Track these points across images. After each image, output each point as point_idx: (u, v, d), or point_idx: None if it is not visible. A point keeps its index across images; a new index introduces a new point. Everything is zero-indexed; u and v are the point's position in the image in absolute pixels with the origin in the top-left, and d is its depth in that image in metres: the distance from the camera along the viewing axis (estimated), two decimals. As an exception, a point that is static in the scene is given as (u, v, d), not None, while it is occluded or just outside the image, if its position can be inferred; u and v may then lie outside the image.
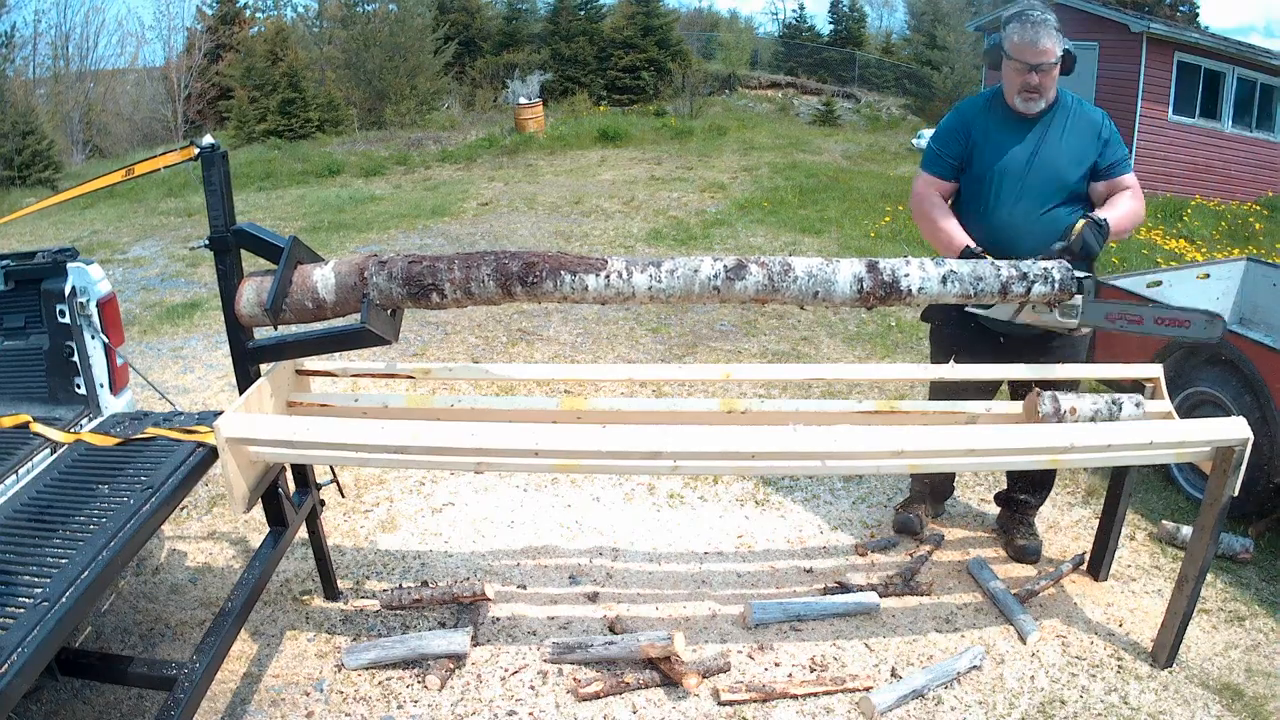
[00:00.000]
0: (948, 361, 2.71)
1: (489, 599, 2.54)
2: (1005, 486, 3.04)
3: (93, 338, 2.38)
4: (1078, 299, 2.13)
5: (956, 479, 3.25)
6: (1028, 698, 2.28)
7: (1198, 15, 23.29)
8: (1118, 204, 2.45)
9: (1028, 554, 2.88)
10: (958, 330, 2.67)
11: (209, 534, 3.05)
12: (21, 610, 1.47)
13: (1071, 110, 2.57)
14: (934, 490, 3.13)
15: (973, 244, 2.45)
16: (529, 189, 10.35)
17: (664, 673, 2.29)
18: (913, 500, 3.11)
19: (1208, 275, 3.95)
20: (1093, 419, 2.26)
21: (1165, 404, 2.43)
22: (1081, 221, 2.32)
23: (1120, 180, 2.51)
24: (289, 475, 2.39)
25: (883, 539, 3.03)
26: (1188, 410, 3.22)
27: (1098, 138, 2.52)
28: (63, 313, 2.34)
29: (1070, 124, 2.54)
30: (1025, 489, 2.93)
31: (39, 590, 1.53)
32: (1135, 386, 2.46)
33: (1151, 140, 10.95)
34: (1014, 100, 2.52)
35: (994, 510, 3.24)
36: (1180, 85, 10.95)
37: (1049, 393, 2.28)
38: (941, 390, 2.70)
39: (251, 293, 2.04)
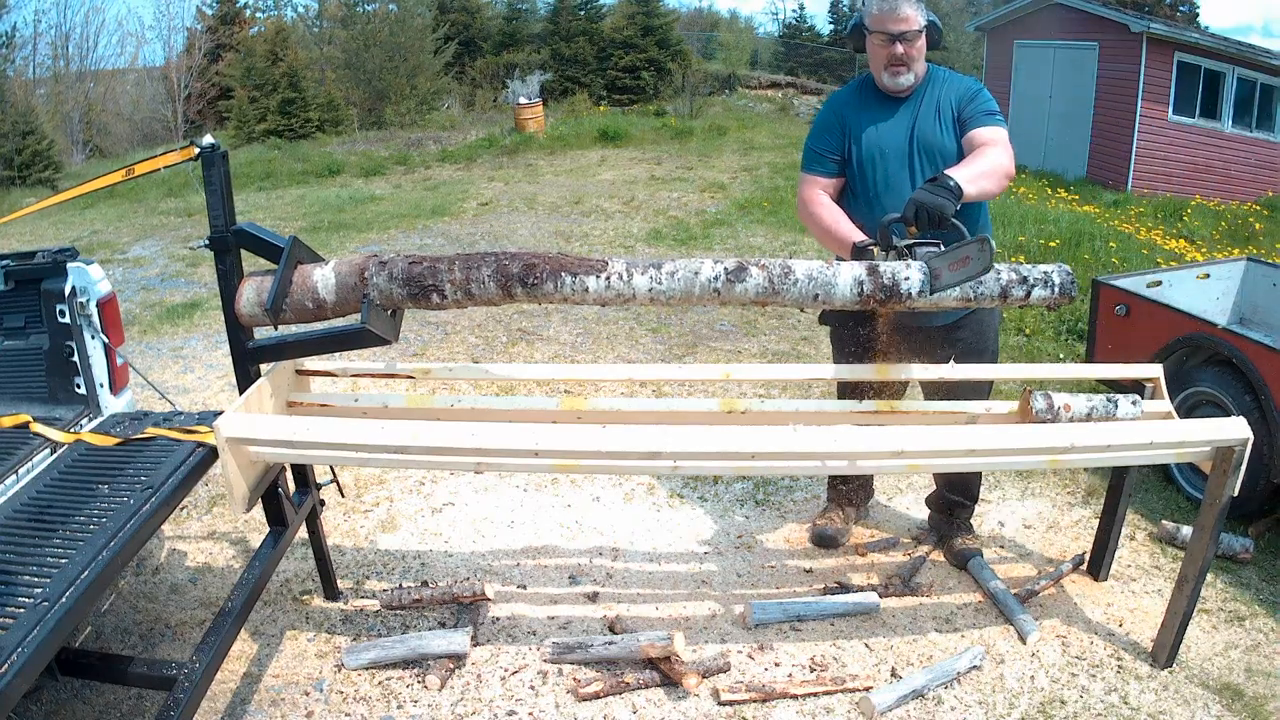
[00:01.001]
0: (849, 362, 2.63)
1: (489, 599, 2.54)
2: (934, 489, 2.99)
3: (93, 338, 2.38)
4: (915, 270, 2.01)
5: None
6: (1028, 698, 2.28)
7: (1198, 15, 23.32)
8: (972, 158, 2.30)
9: (968, 557, 2.82)
10: (859, 329, 2.59)
11: (209, 534, 3.05)
12: (21, 610, 1.47)
13: (943, 82, 2.49)
14: (850, 496, 3.05)
15: (863, 238, 2.32)
16: (529, 189, 10.35)
17: (664, 673, 2.29)
18: (828, 509, 3.05)
19: (1208, 275, 3.95)
20: (1088, 416, 2.26)
21: (1165, 404, 2.43)
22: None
23: (979, 133, 2.37)
24: (289, 475, 2.39)
25: (883, 539, 3.03)
26: (1188, 410, 3.22)
27: (964, 98, 2.43)
28: (63, 313, 2.34)
29: (942, 94, 2.46)
30: (956, 489, 2.88)
31: (39, 590, 1.53)
32: (1135, 386, 2.46)
33: (1151, 140, 10.94)
34: (882, 78, 2.43)
35: (995, 510, 3.25)
36: (1180, 85, 10.94)
37: (1040, 391, 2.28)
38: (847, 390, 2.64)
39: (251, 293, 2.04)
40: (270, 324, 2.05)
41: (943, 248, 1.99)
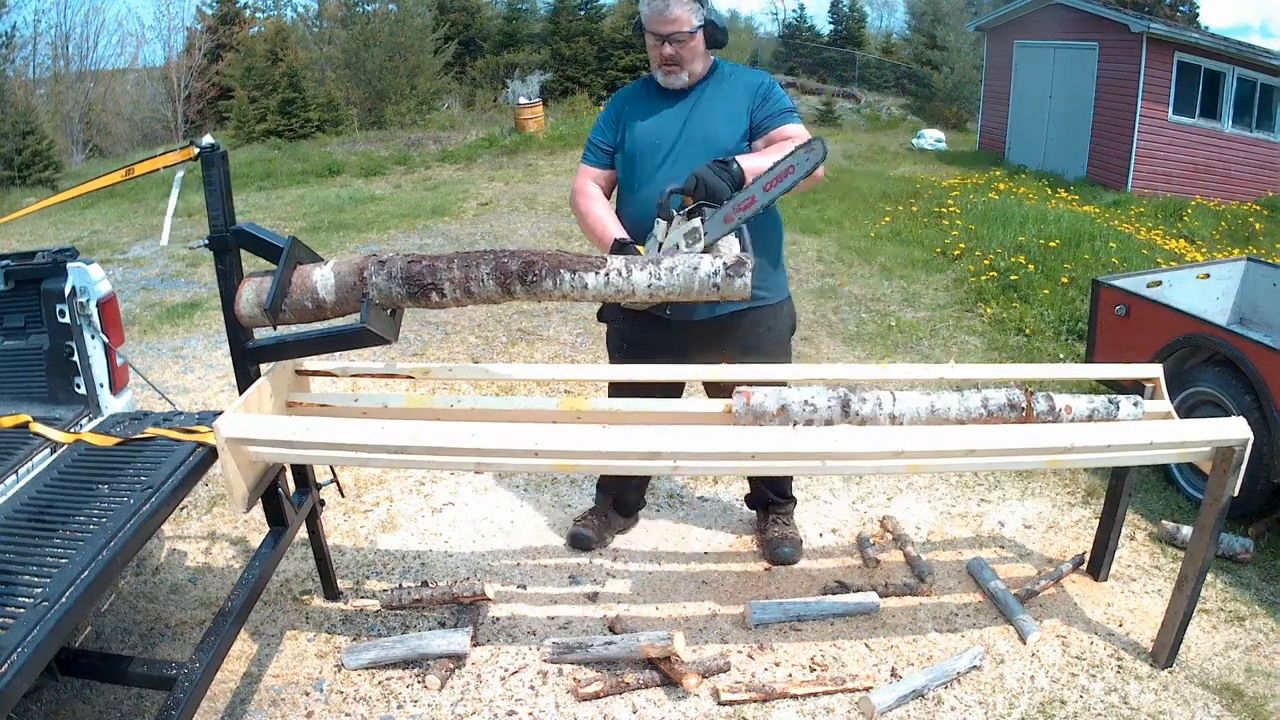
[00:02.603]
0: (625, 361, 2.59)
1: (489, 599, 2.54)
2: (751, 490, 2.98)
3: (93, 338, 2.38)
4: (695, 222, 2.02)
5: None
6: (1028, 698, 2.28)
7: (1198, 15, 23.31)
8: (767, 151, 2.28)
9: (785, 555, 2.82)
10: (632, 328, 2.57)
11: (209, 534, 3.05)
12: (21, 610, 1.47)
13: (728, 77, 2.47)
14: (617, 503, 3.02)
15: (624, 235, 2.32)
16: (529, 189, 10.35)
17: (664, 673, 2.29)
18: (592, 512, 3.01)
19: (1208, 275, 3.95)
20: (1089, 418, 2.26)
21: (1165, 404, 2.43)
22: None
23: (779, 130, 2.36)
24: (289, 475, 2.39)
25: (883, 539, 3.02)
26: (1188, 410, 3.22)
27: (753, 96, 2.41)
28: (63, 313, 2.34)
29: (725, 89, 2.44)
30: (772, 485, 2.89)
31: (39, 590, 1.53)
32: (1135, 387, 2.46)
33: (1151, 140, 10.95)
34: (657, 74, 2.44)
35: (995, 510, 3.25)
36: (1180, 85, 10.94)
37: (1042, 393, 2.28)
38: (621, 389, 2.61)
39: (251, 293, 2.04)
40: (269, 324, 2.05)
41: (705, 215, 2.01)
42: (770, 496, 2.93)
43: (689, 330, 2.51)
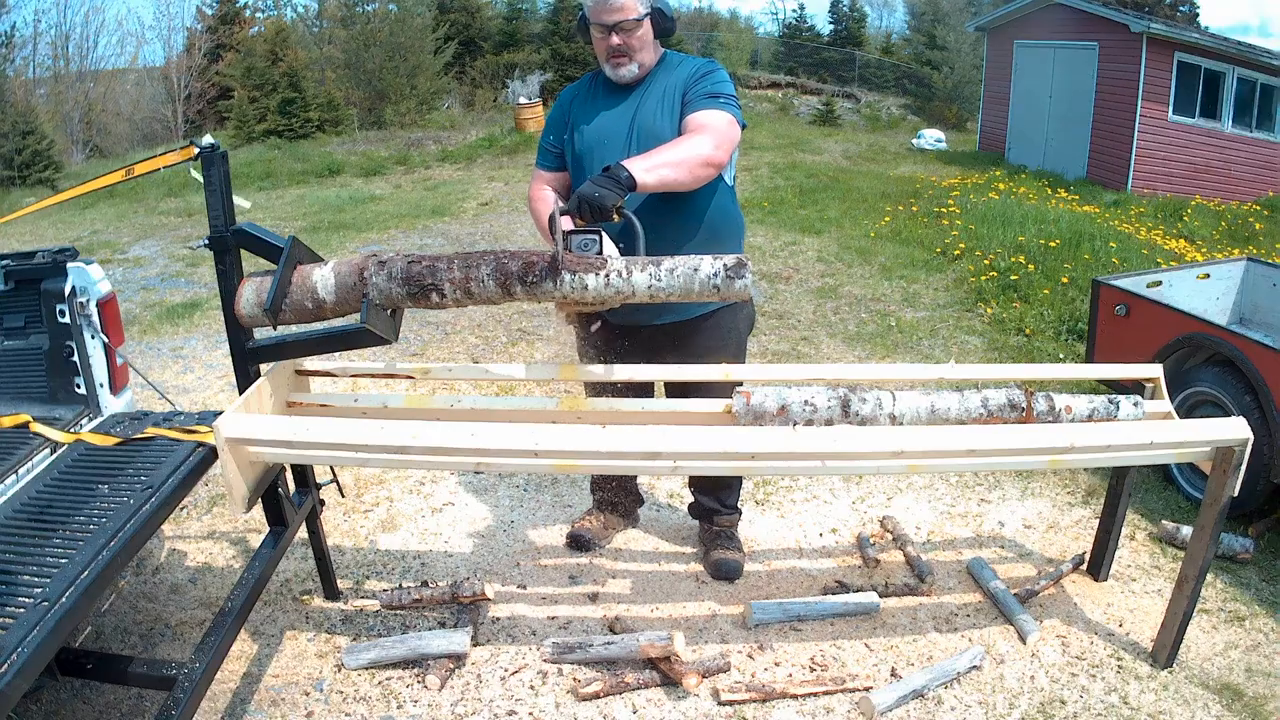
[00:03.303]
0: (599, 362, 2.53)
1: (489, 599, 2.54)
2: (693, 499, 2.91)
3: (93, 338, 2.38)
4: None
5: (957, 480, 3.25)
6: (1028, 698, 2.28)
7: (1198, 15, 23.33)
8: (665, 145, 2.15)
9: (725, 570, 2.76)
10: (594, 333, 2.54)
11: (209, 534, 3.04)
12: (21, 610, 1.47)
13: (675, 67, 2.37)
14: (613, 503, 2.99)
15: (561, 206, 2.10)
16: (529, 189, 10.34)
17: (664, 673, 2.29)
18: (590, 513, 3.00)
19: (1208, 275, 3.95)
20: (1089, 418, 2.26)
21: (1165, 404, 2.43)
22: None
23: (693, 117, 2.21)
24: (289, 475, 2.39)
25: (883, 539, 3.02)
26: (1188, 410, 3.22)
27: (689, 82, 2.31)
28: (63, 313, 2.34)
29: (670, 80, 2.34)
30: (708, 492, 2.84)
31: (39, 590, 1.53)
32: (1135, 387, 2.46)
33: (1151, 140, 10.95)
34: (605, 69, 2.36)
35: (994, 510, 3.25)
36: (1180, 85, 10.95)
37: (1042, 393, 2.28)
38: (593, 389, 2.59)
39: (251, 293, 2.04)
40: (270, 324, 2.05)
41: (600, 238, 1.93)
42: (711, 505, 2.85)
43: (649, 335, 2.49)
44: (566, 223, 2.03)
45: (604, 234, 1.95)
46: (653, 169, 2.03)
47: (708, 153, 2.14)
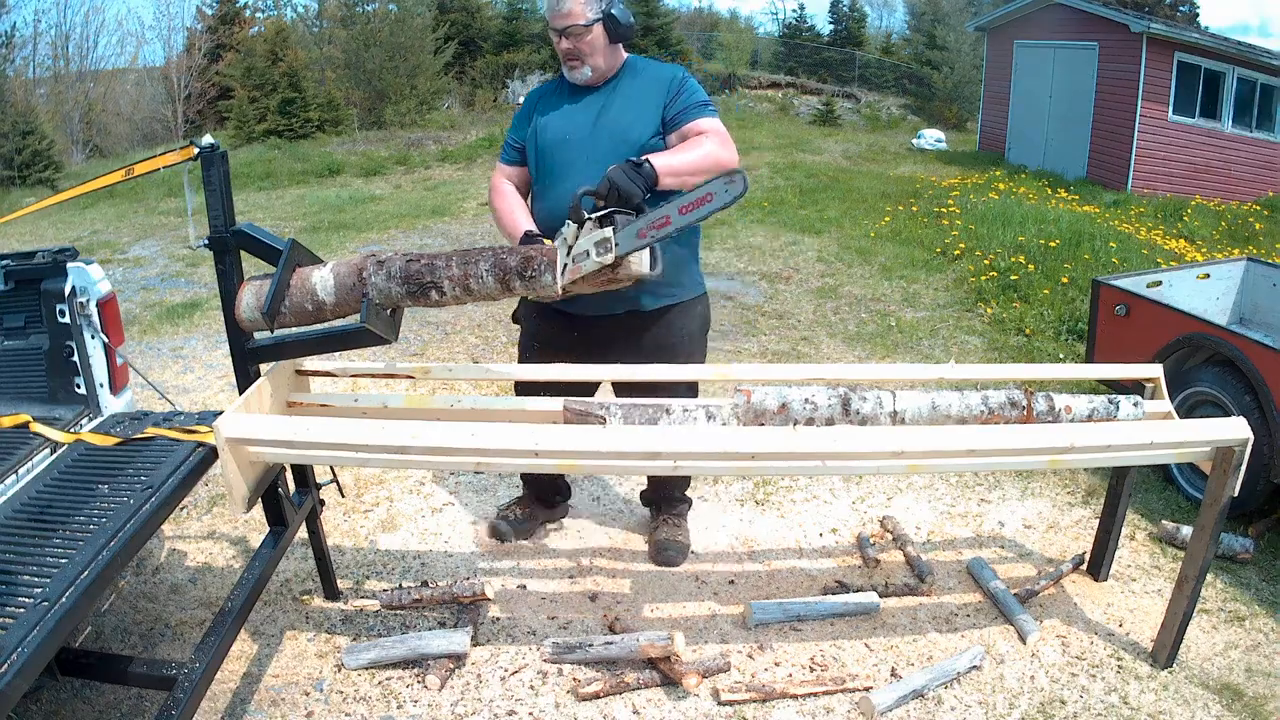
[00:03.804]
0: (535, 361, 2.59)
1: (489, 599, 2.54)
2: (647, 486, 2.98)
3: (93, 338, 2.38)
4: (608, 231, 1.92)
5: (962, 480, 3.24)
6: (1028, 698, 2.28)
7: (1198, 15, 23.34)
8: (682, 147, 2.28)
9: (672, 560, 2.80)
10: (543, 326, 2.59)
11: (209, 534, 3.04)
12: (21, 610, 1.47)
13: (641, 73, 2.46)
14: (540, 495, 3.02)
15: (533, 228, 2.31)
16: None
17: (664, 673, 2.29)
18: (515, 501, 3.03)
19: (1208, 275, 3.95)
20: (1089, 418, 2.26)
21: (1165, 404, 2.43)
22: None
23: (693, 125, 2.34)
24: (289, 475, 2.39)
25: (883, 539, 3.02)
26: (1188, 410, 3.22)
27: (666, 90, 2.38)
28: (63, 313, 2.34)
29: (638, 84, 2.42)
30: (663, 484, 2.87)
31: (39, 590, 1.53)
32: (1135, 387, 2.46)
33: (1151, 140, 10.95)
34: (564, 70, 2.44)
35: (995, 510, 3.25)
36: (1180, 85, 10.95)
37: (1042, 393, 2.28)
38: (525, 388, 2.60)
39: (251, 298, 2.04)
40: (268, 329, 2.05)
41: (635, 217, 1.94)
42: (662, 494, 2.90)
43: (601, 328, 2.51)
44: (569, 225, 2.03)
45: (616, 220, 1.95)
46: (674, 171, 2.13)
47: (724, 157, 2.26)
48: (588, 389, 2.56)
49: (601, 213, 1.93)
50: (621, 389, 2.59)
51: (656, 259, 1.94)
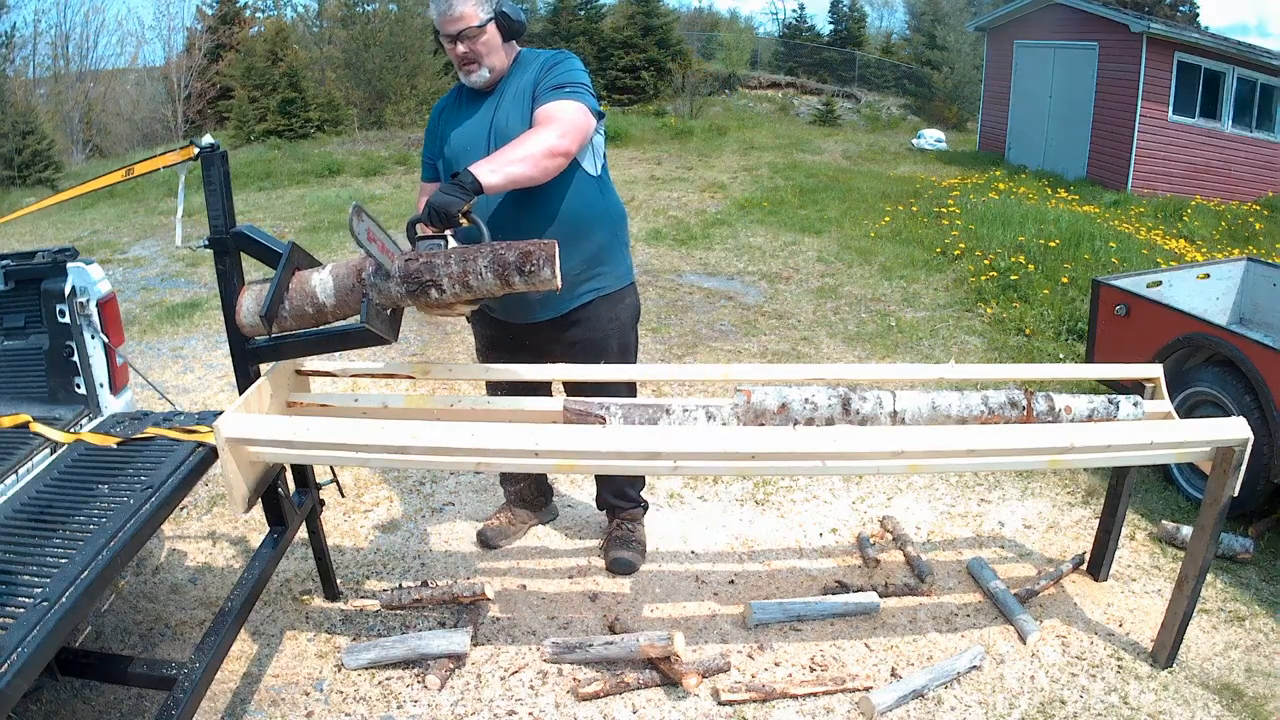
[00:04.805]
0: (491, 360, 2.61)
1: (489, 599, 2.54)
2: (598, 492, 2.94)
3: (93, 338, 2.38)
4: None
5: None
6: (1028, 698, 2.28)
7: (1198, 15, 23.33)
8: (510, 144, 2.12)
9: (625, 566, 2.80)
10: (485, 329, 2.62)
11: (209, 534, 3.04)
12: (21, 610, 1.47)
13: (528, 65, 2.37)
14: (522, 498, 3.03)
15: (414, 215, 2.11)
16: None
17: (664, 673, 2.29)
18: (500, 510, 3.03)
19: (1208, 275, 3.95)
20: (1089, 418, 2.26)
21: (1165, 404, 2.43)
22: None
23: (540, 111, 2.20)
24: (289, 475, 2.38)
25: (883, 539, 3.02)
26: (1188, 410, 3.22)
27: (538, 76, 2.30)
28: (63, 313, 2.34)
29: (524, 79, 2.33)
30: (613, 489, 2.85)
31: (39, 590, 1.53)
32: (1135, 387, 2.46)
33: (1151, 140, 10.94)
34: (460, 76, 2.38)
35: (995, 510, 3.25)
36: (1180, 85, 10.94)
37: (1042, 393, 2.28)
38: (494, 387, 2.62)
39: (251, 302, 2.04)
40: (268, 332, 2.05)
41: (445, 242, 1.96)
42: (615, 501, 2.87)
43: (536, 329, 2.51)
44: (422, 232, 2.05)
45: (449, 238, 1.98)
46: (498, 169, 2.03)
47: (552, 143, 2.11)
48: (584, 389, 2.54)
49: (419, 237, 1.96)
50: (571, 388, 2.57)
51: (556, 273, 1.88)
